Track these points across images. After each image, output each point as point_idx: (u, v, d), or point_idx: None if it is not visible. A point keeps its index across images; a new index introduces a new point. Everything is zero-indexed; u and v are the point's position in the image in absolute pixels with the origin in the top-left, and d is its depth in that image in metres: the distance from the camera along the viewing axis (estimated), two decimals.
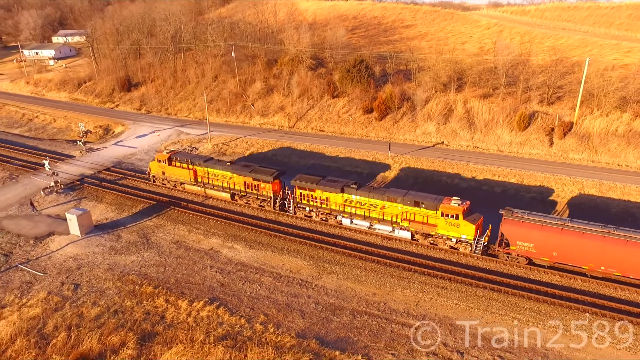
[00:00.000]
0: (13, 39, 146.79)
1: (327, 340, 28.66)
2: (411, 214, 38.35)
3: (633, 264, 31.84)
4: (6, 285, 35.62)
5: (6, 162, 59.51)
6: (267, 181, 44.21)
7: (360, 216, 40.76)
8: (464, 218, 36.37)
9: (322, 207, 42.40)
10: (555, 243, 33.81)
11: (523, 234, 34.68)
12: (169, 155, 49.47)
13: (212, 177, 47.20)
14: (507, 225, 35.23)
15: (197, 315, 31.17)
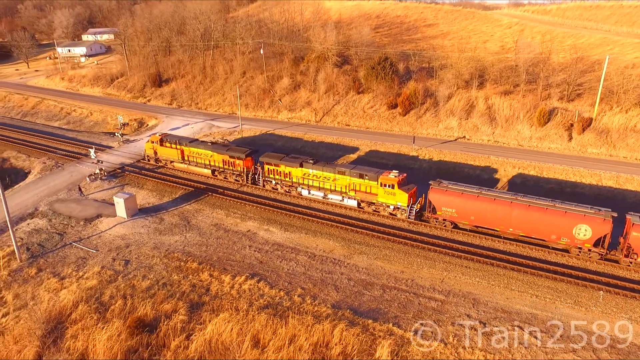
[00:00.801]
0: (46, 37, 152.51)
1: (360, 310, 31.41)
2: (357, 184, 44.17)
3: (534, 226, 37.40)
4: (63, 260, 39.12)
5: (51, 151, 63.61)
6: (240, 158, 50.55)
7: (316, 187, 46.71)
8: (399, 187, 42.09)
9: (285, 180, 48.48)
10: (472, 208, 39.27)
11: (447, 201, 40.27)
12: (161, 137, 56.34)
13: (196, 155, 53.59)
14: (434, 193, 40.79)
15: (239, 288, 34.16)
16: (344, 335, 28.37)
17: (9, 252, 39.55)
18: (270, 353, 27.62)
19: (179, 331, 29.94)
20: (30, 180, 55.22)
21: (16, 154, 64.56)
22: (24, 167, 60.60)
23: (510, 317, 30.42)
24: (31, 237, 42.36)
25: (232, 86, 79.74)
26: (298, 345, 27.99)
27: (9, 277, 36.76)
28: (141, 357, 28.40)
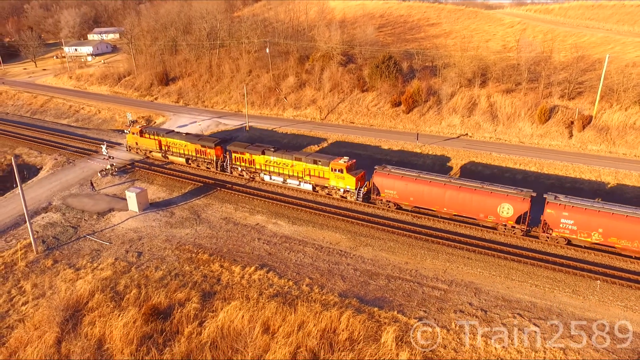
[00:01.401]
0: (53, 37, 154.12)
1: (366, 299, 32.66)
2: (312, 170, 48.04)
3: (464, 206, 40.96)
4: (78, 252, 40.48)
5: (62, 148, 65.09)
6: (210, 147, 54.36)
7: (276, 173, 50.54)
8: (348, 172, 45.84)
9: (250, 167, 52.30)
10: (411, 190, 43.02)
11: (389, 184, 43.88)
12: (140, 129, 60.58)
13: (172, 145, 57.57)
14: (377, 177, 44.54)
15: (249, 278, 35.45)
16: (351, 322, 29.62)
17: (25, 245, 40.98)
18: (280, 338, 28.86)
19: (192, 318, 31.25)
20: (43, 176, 56.64)
21: (28, 150, 66.10)
22: (36, 164, 62.06)
23: (510, 305, 31.61)
24: (46, 230, 43.75)
25: (238, 84, 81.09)
26: (307, 331, 29.25)
27: (27, 268, 38.17)
28: (156, 343, 29.69)
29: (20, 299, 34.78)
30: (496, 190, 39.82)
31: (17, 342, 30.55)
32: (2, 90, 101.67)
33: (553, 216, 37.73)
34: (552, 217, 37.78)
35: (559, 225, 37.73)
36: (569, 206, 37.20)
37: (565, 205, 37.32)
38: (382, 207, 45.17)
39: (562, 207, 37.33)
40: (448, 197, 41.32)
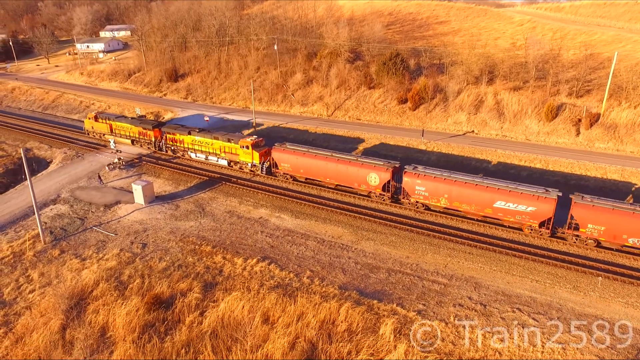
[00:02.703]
0: (65, 34, 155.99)
1: (366, 292, 32.88)
2: (226, 147, 53.70)
3: (343, 176, 46.61)
4: (84, 243, 41.19)
5: (72, 142, 66.19)
6: (149, 129, 60.56)
7: (200, 151, 56.46)
8: (253, 148, 51.61)
9: (180, 146, 58.38)
10: (302, 163, 48.65)
11: (284, 159, 49.84)
12: (95, 115, 66.94)
13: (121, 128, 63.76)
14: (275, 152, 50.27)
15: (251, 270, 35.84)
16: (350, 314, 29.89)
17: (33, 235, 41.79)
18: (280, 329, 29.22)
19: (193, 308, 31.75)
20: (52, 169, 57.61)
21: (38, 144, 67.23)
22: (46, 157, 63.10)
23: (510, 300, 31.64)
24: (54, 222, 44.55)
25: (246, 81, 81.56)
26: (306, 322, 29.57)
27: (35, 257, 38.95)
28: (157, 331, 30.19)
29: (27, 287, 35.54)
30: (366, 162, 45.41)
31: (24, 328, 31.29)
32: (16, 86, 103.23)
33: (409, 184, 43.05)
34: (409, 185, 43.09)
35: (414, 192, 43.03)
36: (422, 175, 42.53)
37: (419, 174, 42.57)
38: (279, 178, 51.57)
39: (417, 176, 42.62)
40: (330, 169, 47.09)
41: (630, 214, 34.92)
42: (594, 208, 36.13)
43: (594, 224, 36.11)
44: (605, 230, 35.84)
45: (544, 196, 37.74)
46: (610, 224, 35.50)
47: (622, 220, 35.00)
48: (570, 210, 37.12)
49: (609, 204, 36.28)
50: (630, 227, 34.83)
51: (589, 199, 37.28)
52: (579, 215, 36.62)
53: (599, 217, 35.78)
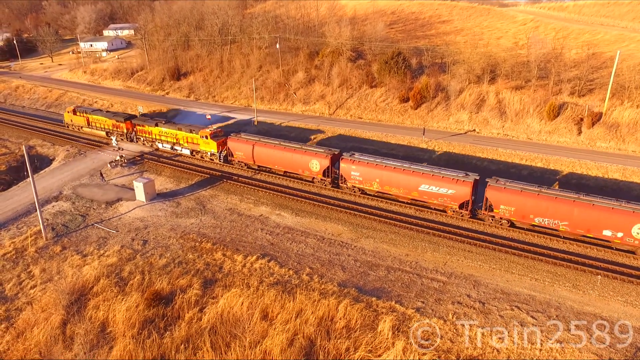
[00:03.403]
0: (69, 32, 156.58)
1: (365, 289, 32.96)
2: (188, 137, 57.13)
3: (291, 164, 49.83)
4: (86, 239, 41.41)
5: (74, 140, 66.57)
6: (122, 122, 63.94)
7: (166, 141, 59.96)
8: (211, 138, 54.82)
9: (148, 136, 61.82)
10: (255, 152, 51.96)
11: (239, 148, 53.33)
12: (74, 108, 71.32)
13: (96, 121, 67.39)
14: (231, 141, 54.06)
15: (251, 267, 35.97)
16: (348, 311, 29.96)
17: (35, 232, 42.06)
18: (278, 325, 29.31)
19: (193, 304, 31.91)
20: (55, 167, 57.92)
21: (41, 142, 67.61)
22: (49, 155, 63.44)
23: (509, 297, 31.65)
24: (56, 218, 44.81)
25: (249, 80, 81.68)
26: (304, 318, 29.66)
27: (36, 253, 39.21)
28: (157, 327, 30.35)
29: (29, 282, 35.80)
30: (308, 150, 49.12)
31: (25, 323, 31.52)
32: (19, 85, 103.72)
33: (346, 170, 46.22)
34: (345, 170, 46.27)
35: (350, 177, 46.27)
36: (357, 161, 45.72)
37: (354, 161, 45.83)
38: (235, 166, 54.89)
39: (352, 162, 45.87)
40: (278, 157, 50.24)
41: (535, 196, 37.92)
42: (505, 190, 39.16)
43: (505, 205, 39.10)
44: (515, 211, 38.80)
45: (463, 179, 40.75)
46: (519, 204, 38.46)
47: (528, 201, 38.01)
48: (485, 193, 39.98)
49: (518, 187, 39.24)
50: (536, 207, 37.78)
51: (502, 182, 40.27)
52: (493, 197, 39.54)
53: (510, 198, 38.79)
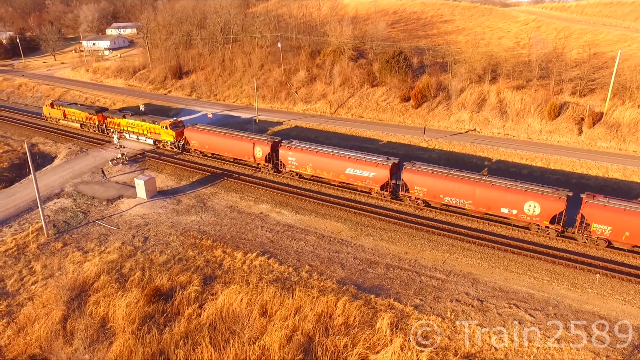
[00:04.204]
0: (72, 31, 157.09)
1: (364, 286, 33.07)
2: (152, 128, 61.16)
3: (236, 150, 54.13)
4: (87, 236, 41.60)
5: (76, 138, 66.83)
6: (94, 114, 68.30)
7: (133, 132, 63.87)
8: (170, 128, 58.95)
9: (117, 128, 65.59)
10: (207, 140, 56.44)
11: (195, 137, 57.44)
12: (51, 102, 76.04)
13: (72, 114, 72.07)
14: (187, 131, 58.05)
15: (250, 264, 36.10)
16: (347, 307, 30.07)
17: (37, 228, 42.25)
18: (277, 321, 29.42)
19: (192, 300, 32.05)
20: (56, 164, 58.16)
21: (43, 139, 67.88)
22: (51, 152, 63.69)
23: (507, 296, 31.73)
24: (57, 215, 45.00)
25: (250, 78, 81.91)
26: (303, 315, 29.79)
27: (38, 250, 39.40)
28: (157, 323, 30.51)
29: (30, 278, 35.97)
30: (253, 137, 53.32)
31: (26, 318, 31.71)
32: (22, 83, 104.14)
33: (284, 156, 49.90)
34: (284, 156, 49.93)
35: (288, 162, 49.88)
36: (293, 147, 49.64)
37: (290, 147, 49.71)
38: (192, 153, 58.85)
39: (289, 149, 49.53)
40: (228, 144, 54.46)
41: (444, 177, 41.86)
42: (418, 172, 43.12)
43: (419, 186, 43.05)
44: (428, 191, 42.85)
45: (383, 163, 44.55)
46: (430, 185, 42.41)
47: (438, 182, 41.86)
48: (401, 175, 43.82)
49: (430, 169, 43.27)
50: (445, 188, 41.76)
51: (417, 165, 44.17)
52: (408, 179, 43.52)
53: (422, 180, 42.70)
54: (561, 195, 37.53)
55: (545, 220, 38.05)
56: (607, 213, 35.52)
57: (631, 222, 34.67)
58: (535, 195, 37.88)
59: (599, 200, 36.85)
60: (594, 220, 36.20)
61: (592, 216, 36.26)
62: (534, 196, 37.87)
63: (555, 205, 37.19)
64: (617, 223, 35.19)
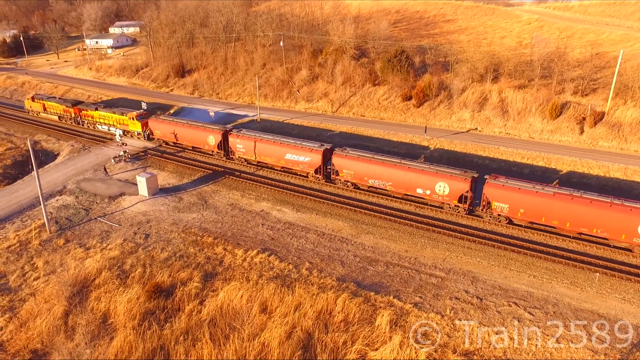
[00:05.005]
0: (75, 30, 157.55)
1: (364, 284, 33.21)
2: (121, 120, 65.33)
3: (195, 139, 58.44)
4: (89, 233, 41.88)
5: (79, 135, 67.19)
6: (70, 107, 72.53)
7: (104, 123, 68.42)
8: (137, 120, 63.52)
9: (91, 120, 70.33)
10: (168, 130, 60.25)
11: (158, 127, 61.53)
12: (32, 96, 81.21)
13: (51, 107, 76.15)
14: (151, 122, 62.10)
15: (251, 261, 36.30)
16: (347, 305, 30.24)
17: (39, 225, 42.57)
18: (277, 318, 29.64)
19: (193, 297, 32.32)
20: (59, 161, 58.51)
21: (46, 137, 68.27)
22: (54, 150, 64.04)
23: (506, 294, 31.81)
24: (60, 212, 45.30)
25: (252, 77, 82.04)
26: (303, 312, 29.98)
27: (40, 246, 39.71)
28: (157, 318, 30.73)
29: (32, 274, 36.29)
30: (207, 127, 57.64)
31: (28, 313, 32.01)
32: (25, 81, 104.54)
33: (233, 143, 54.65)
34: (233, 144, 54.69)
35: (237, 149, 54.59)
36: (240, 136, 53.90)
37: (239, 135, 54.05)
38: (156, 142, 62.73)
39: (237, 137, 54.15)
40: (186, 133, 58.67)
41: (368, 161, 45.62)
42: (345, 157, 46.79)
43: (347, 170, 46.80)
44: (354, 174, 46.58)
45: (316, 149, 48.43)
46: (356, 169, 46.18)
47: (363, 166, 45.68)
48: (332, 160, 47.57)
49: (356, 154, 46.93)
50: (369, 171, 45.50)
51: (346, 150, 47.78)
52: (337, 163, 47.16)
53: (349, 164, 46.52)
54: (467, 176, 40.91)
55: (454, 200, 41.47)
56: (505, 192, 38.92)
57: (524, 200, 38.03)
58: (445, 177, 41.35)
59: (498, 180, 40.18)
60: (494, 199, 39.59)
61: (493, 195, 39.64)
62: (444, 177, 41.39)
63: (461, 186, 40.69)
64: (513, 201, 38.59)
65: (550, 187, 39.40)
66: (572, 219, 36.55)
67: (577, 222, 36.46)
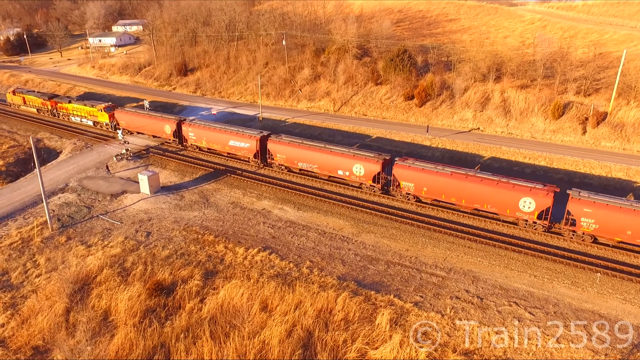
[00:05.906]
0: (78, 28, 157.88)
1: (364, 283, 33.22)
2: (91, 111, 69.60)
3: (154, 129, 61.93)
4: (90, 230, 41.97)
5: (81, 133, 67.33)
6: (47, 100, 76.35)
7: (77, 115, 72.26)
8: (104, 111, 67.49)
9: (65, 112, 74.08)
10: (131, 120, 64.62)
11: (122, 118, 65.51)
12: (13, 90, 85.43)
13: (30, 100, 79.99)
14: (117, 113, 66.02)
15: (252, 259, 36.32)
16: (347, 303, 30.25)
17: (42, 222, 42.68)
18: (277, 316, 29.66)
19: (193, 295, 32.35)
20: (61, 159, 58.66)
21: (49, 135, 68.50)
22: (56, 148, 64.24)
23: (507, 293, 31.78)
24: (62, 210, 45.41)
25: (255, 76, 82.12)
26: (303, 310, 30.01)
27: (42, 243, 39.82)
28: (158, 316, 30.81)
29: (34, 271, 36.40)
30: (164, 117, 61.90)
31: (30, 310, 32.12)
32: (29, 79, 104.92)
33: (186, 132, 58.57)
34: (186, 132, 58.61)
35: (189, 137, 58.48)
36: (192, 124, 58.53)
37: (191, 124, 58.53)
38: (119, 130, 65.08)
39: (189, 125, 58.34)
40: (147, 123, 61.66)
41: (297, 146, 49.35)
42: (279, 142, 50.92)
43: (280, 154, 51.05)
44: (286, 158, 50.60)
45: (254, 135, 52.56)
46: (288, 153, 50.24)
47: (294, 150, 49.47)
48: (267, 145, 51.82)
49: (287, 139, 50.98)
50: (299, 155, 49.50)
51: (280, 137, 52.07)
52: (272, 149, 51.35)
53: (282, 149, 50.74)
54: (379, 158, 44.99)
55: (369, 180, 45.57)
56: (410, 172, 43.26)
57: (427, 179, 42.28)
58: (360, 159, 45.53)
59: (406, 162, 44.39)
60: (402, 179, 43.87)
61: (400, 175, 43.90)
62: (359, 159, 45.55)
63: (374, 167, 44.83)
64: (417, 180, 42.88)
65: (450, 167, 43.07)
66: (466, 196, 40.74)
67: (471, 199, 40.68)
